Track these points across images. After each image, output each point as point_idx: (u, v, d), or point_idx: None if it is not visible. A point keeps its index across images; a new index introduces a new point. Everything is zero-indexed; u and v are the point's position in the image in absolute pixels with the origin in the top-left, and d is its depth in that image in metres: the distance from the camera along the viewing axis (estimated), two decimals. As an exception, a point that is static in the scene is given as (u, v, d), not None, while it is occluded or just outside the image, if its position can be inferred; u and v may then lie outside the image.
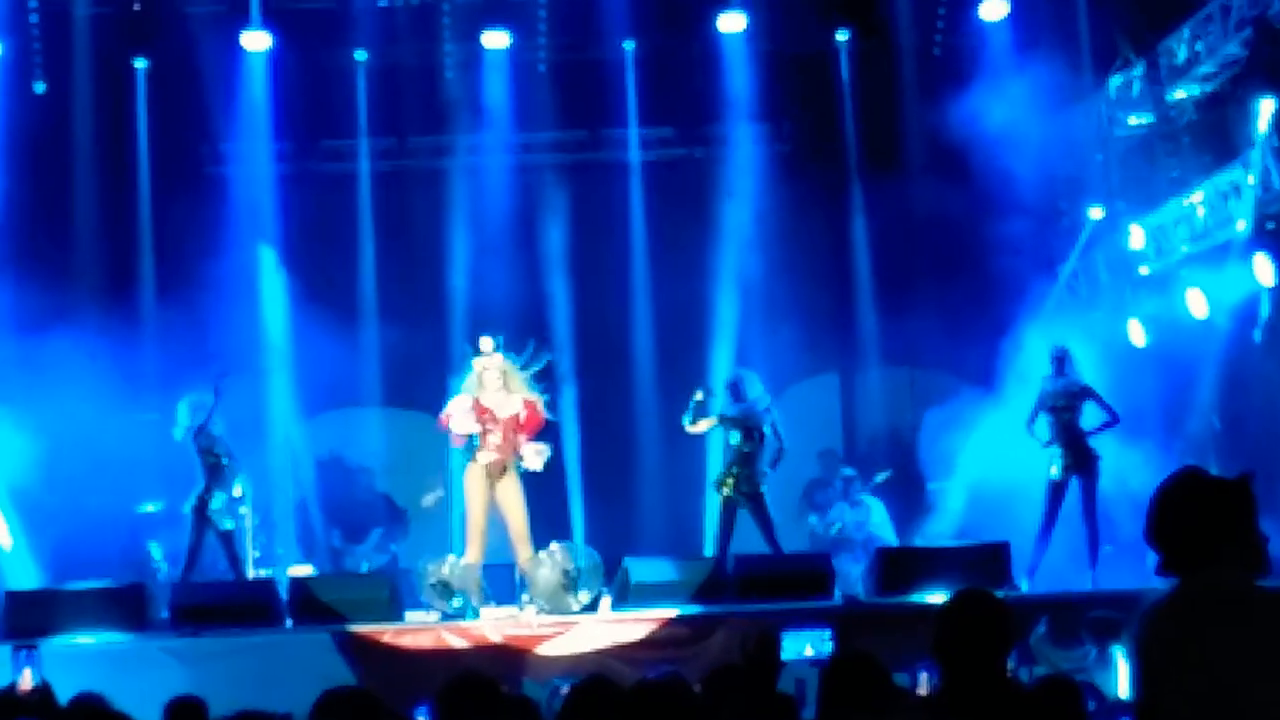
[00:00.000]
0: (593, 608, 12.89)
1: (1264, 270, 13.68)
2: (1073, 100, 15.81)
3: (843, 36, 17.19)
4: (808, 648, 11.33)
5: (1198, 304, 14.70)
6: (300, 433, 16.39)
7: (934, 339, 16.10)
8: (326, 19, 16.69)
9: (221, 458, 13.45)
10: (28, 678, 10.60)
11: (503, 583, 13.35)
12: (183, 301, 15.68)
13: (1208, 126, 14.98)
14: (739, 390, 13.70)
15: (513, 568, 13.23)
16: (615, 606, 12.87)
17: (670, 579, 12.87)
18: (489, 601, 12.86)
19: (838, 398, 17.84)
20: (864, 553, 14.68)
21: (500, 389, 12.86)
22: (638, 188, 17.20)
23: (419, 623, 12.58)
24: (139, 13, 16.44)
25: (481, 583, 12.83)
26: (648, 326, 16.94)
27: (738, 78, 16.69)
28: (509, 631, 12.12)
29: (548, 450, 13.01)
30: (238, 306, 15.80)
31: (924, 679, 9.74)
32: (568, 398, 15.30)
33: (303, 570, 14.96)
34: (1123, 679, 10.07)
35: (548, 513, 14.02)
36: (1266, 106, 13.40)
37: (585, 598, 12.90)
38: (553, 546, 13.07)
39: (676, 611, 12.30)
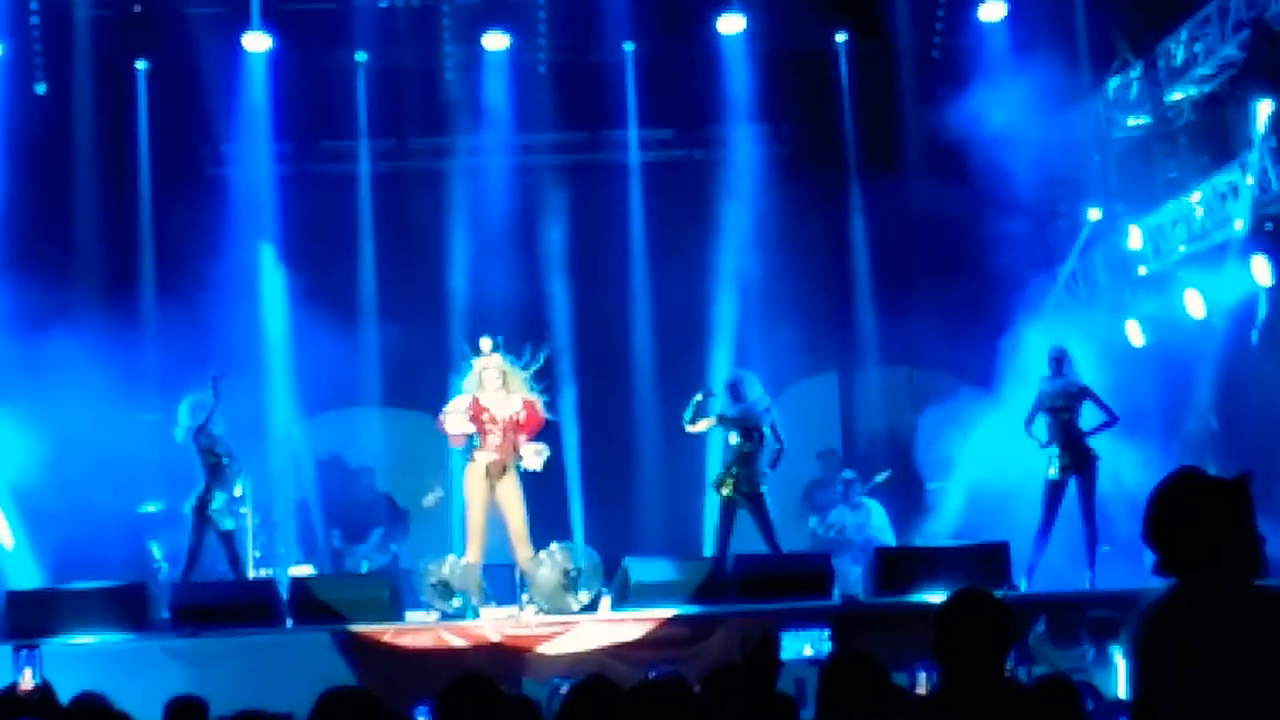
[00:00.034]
0: (592, 608, 12.89)
1: (1261, 271, 13.71)
2: (1071, 101, 15.80)
3: (841, 38, 17.21)
4: (807, 647, 11.35)
5: (1195, 304, 14.71)
6: (300, 433, 16.35)
7: (933, 339, 16.09)
8: (327, 20, 16.68)
9: (222, 458, 13.43)
10: (28, 677, 10.63)
11: (503, 583, 13.35)
12: (183, 302, 15.65)
13: (1205, 128, 14.99)
14: (738, 391, 13.69)
15: (513, 568, 13.22)
16: (615, 606, 12.87)
17: (670, 579, 12.86)
18: (489, 601, 12.86)
19: (837, 398, 17.83)
20: (864, 555, 14.65)
21: (500, 389, 12.88)
22: (637, 189, 17.19)
23: (419, 623, 12.57)
24: (140, 14, 16.47)
25: (482, 583, 12.84)
26: (647, 327, 16.92)
27: (737, 79, 16.66)
28: (509, 631, 12.11)
29: (547, 450, 13.03)
30: (238, 307, 15.78)
31: (923, 678, 9.76)
32: (567, 398, 15.28)
33: (303, 570, 14.96)
34: (1121, 679, 10.09)
35: (547, 513, 14.02)
36: (1264, 108, 13.41)
37: (585, 598, 12.91)
38: (552, 547, 13.08)
39: (676, 611, 12.29)
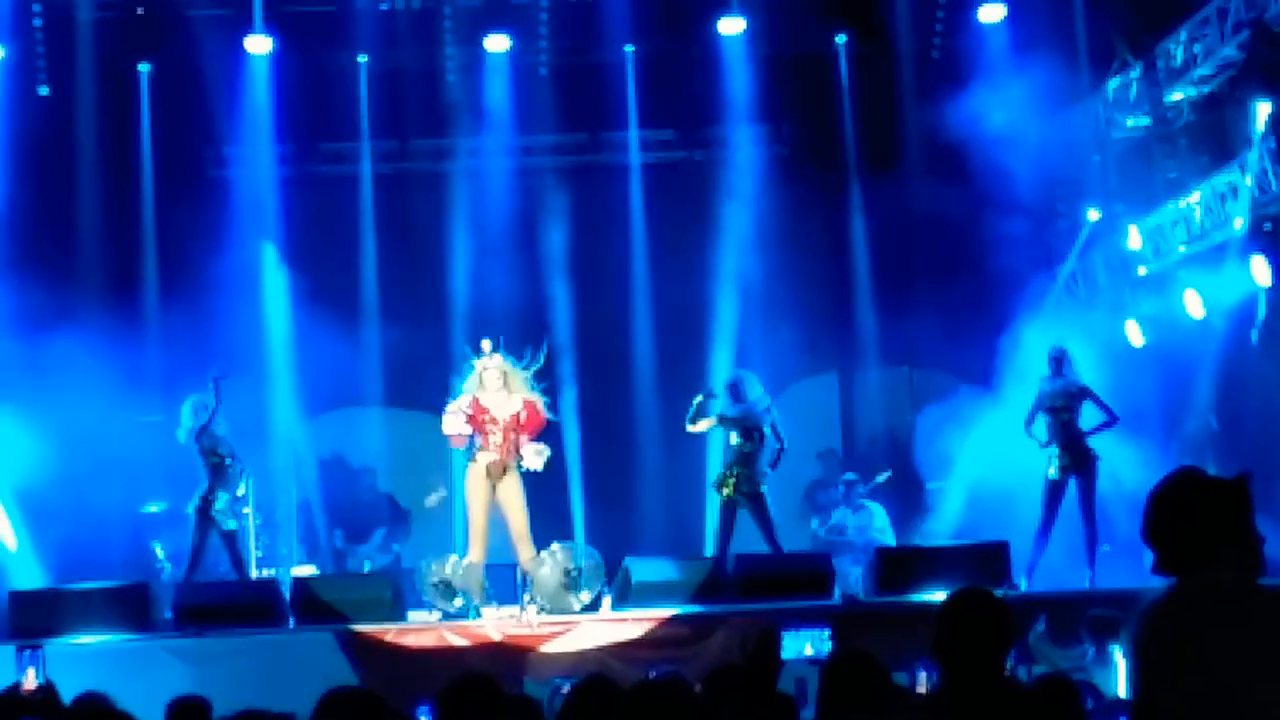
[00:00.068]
0: (594, 607, 12.90)
1: (1260, 271, 13.72)
2: (1071, 102, 15.80)
3: (841, 39, 17.22)
4: (807, 647, 11.37)
5: (1195, 304, 14.73)
6: (303, 433, 16.35)
7: (932, 339, 16.09)
8: (328, 23, 16.69)
9: (225, 458, 13.46)
10: (31, 677, 10.66)
11: (504, 582, 13.37)
12: (186, 303, 15.68)
13: (1205, 128, 15.01)
14: (739, 391, 13.70)
15: (514, 568, 13.23)
16: (616, 606, 12.90)
17: (671, 579, 12.89)
18: (491, 601, 12.87)
19: (837, 398, 17.84)
20: (865, 556, 14.65)
21: (501, 389, 12.88)
22: (638, 190, 17.21)
23: (421, 622, 12.59)
24: (142, 17, 16.50)
25: (484, 583, 12.86)
26: (648, 328, 16.94)
27: (737, 80, 16.68)
28: (510, 631, 12.14)
29: (548, 450, 13.02)
30: (240, 308, 15.80)
31: (923, 678, 9.80)
32: (568, 398, 15.31)
33: (305, 570, 14.98)
34: (1121, 677, 10.11)
35: (549, 513, 14.02)
36: (1263, 109, 13.42)
37: (586, 597, 12.91)
38: (554, 546, 13.08)
39: (677, 611, 12.31)
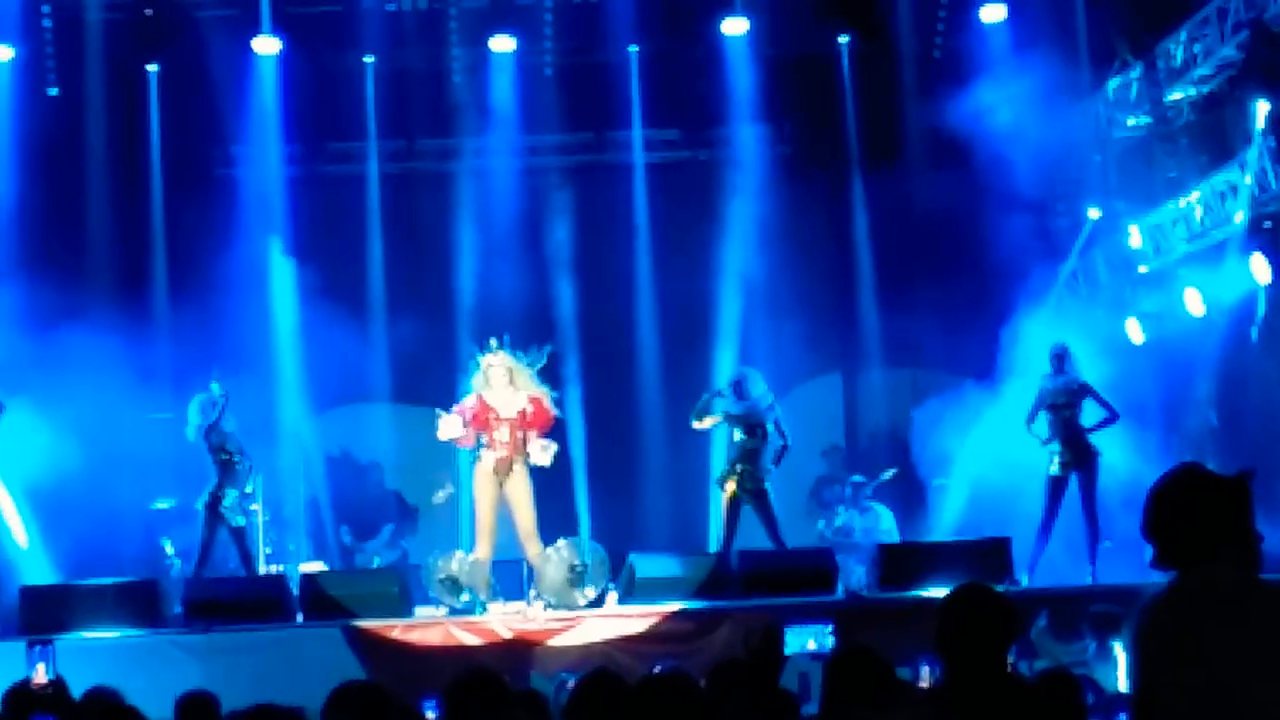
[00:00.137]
0: (599, 603, 12.92)
1: (1260, 269, 13.77)
2: (1071, 102, 15.79)
3: (844, 40, 17.24)
4: (810, 642, 11.41)
5: (1195, 302, 14.79)
6: (311, 430, 16.42)
7: (935, 336, 16.13)
8: (335, 23, 16.74)
9: (233, 455, 13.51)
10: (42, 672, 10.72)
11: (510, 578, 13.45)
12: (195, 302, 15.76)
13: (1205, 128, 15.04)
14: (742, 388, 13.72)
15: (520, 563, 13.29)
16: (621, 601, 12.93)
17: (675, 574, 12.91)
18: (497, 597, 12.96)
19: (840, 397, 17.88)
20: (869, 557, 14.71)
21: (507, 386, 12.95)
22: (642, 189, 17.25)
23: (428, 618, 12.61)
24: (151, 18, 16.52)
25: (490, 579, 12.93)
26: (652, 326, 16.98)
27: (741, 80, 16.72)
28: (516, 626, 12.16)
29: (554, 446, 13.07)
30: (249, 306, 15.85)
31: (925, 673, 9.85)
32: (574, 396, 15.38)
33: (314, 566, 15.03)
34: (1122, 673, 10.17)
35: (554, 509, 14.06)
36: (1262, 108, 13.44)
37: (591, 593, 12.94)
38: (559, 542, 13.11)
39: (681, 606, 12.33)
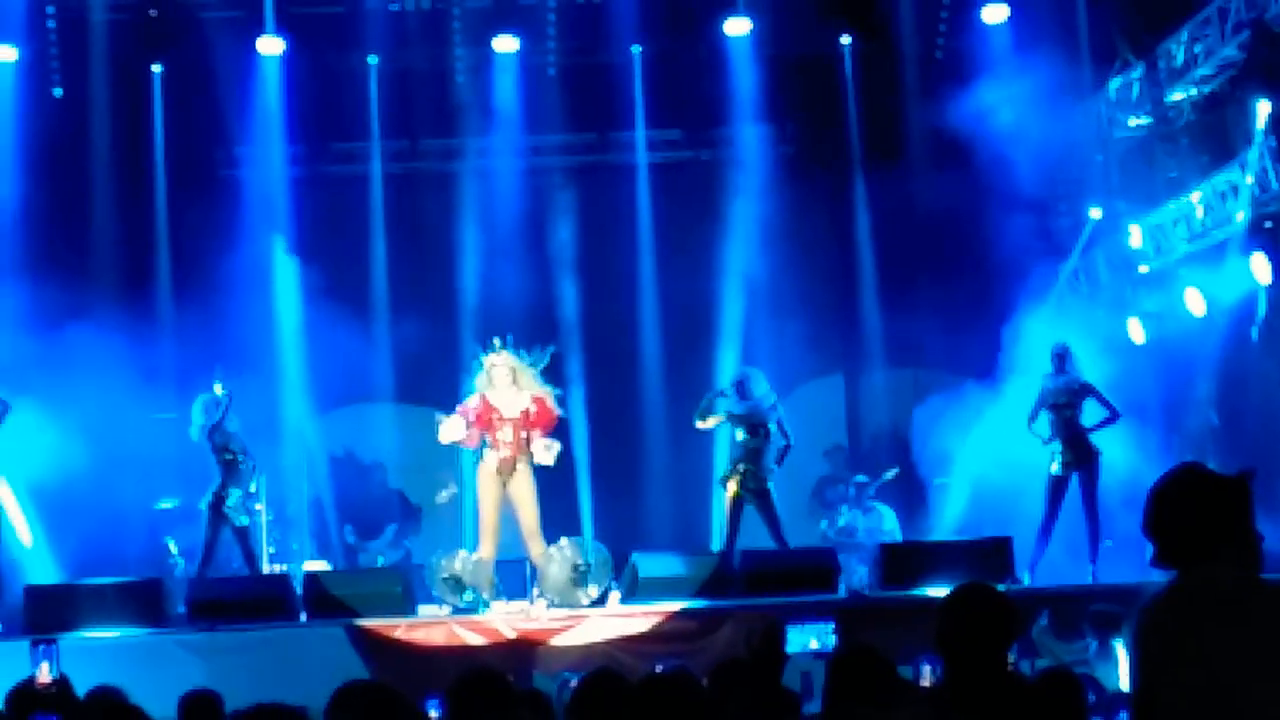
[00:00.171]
0: (601, 602, 12.93)
1: (1261, 269, 13.78)
2: (1073, 102, 15.82)
3: (846, 40, 17.25)
4: (812, 641, 11.44)
5: (1196, 302, 14.81)
6: (314, 429, 16.45)
7: (937, 339, 16.13)
8: (339, 24, 16.77)
9: (237, 455, 13.52)
10: (45, 671, 10.75)
11: (513, 577, 13.48)
12: (198, 302, 15.78)
13: (1206, 128, 15.05)
14: (745, 388, 13.72)
15: (523, 562, 13.31)
16: (624, 601, 12.93)
17: (677, 574, 12.92)
18: (500, 596, 12.97)
19: (842, 397, 17.89)
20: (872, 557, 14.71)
21: (510, 386, 12.97)
22: (645, 189, 17.27)
23: (431, 617, 12.61)
24: (155, 19, 16.55)
25: (493, 578, 12.95)
26: (655, 325, 16.99)
27: (743, 81, 16.74)
28: (519, 625, 12.16)
29: (558, 445, 13.09)
30: (252, 306, 15.87)
31: (927, 672, 9.88)
32: (577, 395, 15.41)
33: (317, 566, 15.06)
34: (1123, 672, 10.19)
35: (557, 508, 14.07)
36: (1263, 108, 13.44)
37: (594, 592, 12.95)
38: (562, 542, 13.13)
39: (683, 606, 12.34)
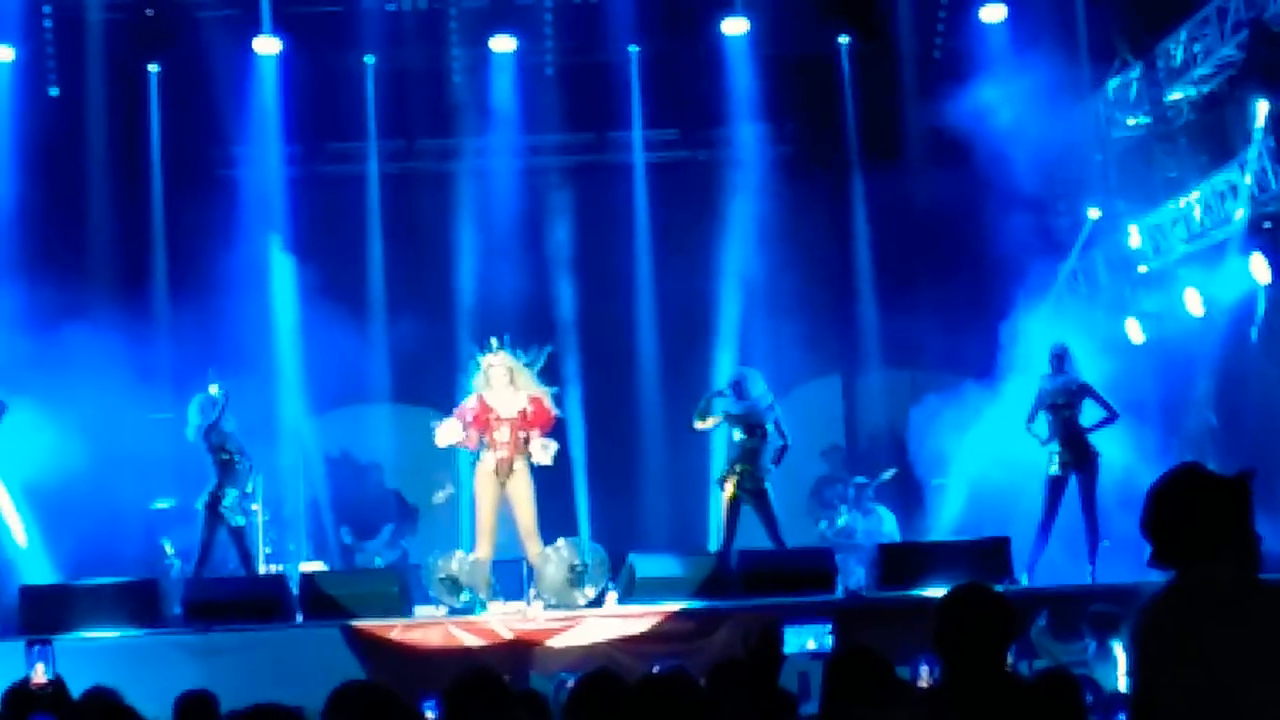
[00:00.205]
0: (598, 602, 12.92)
1: (1260, 269, 13.78)
2: (1072, 101, 15.81)
3: (844, 40, 17.24)
4: (810, 642, 11.41)
5: (1195, 302, 14.81)
6: (311, 430, 16.44)
7: (935, 339, 16.13)
8: (336, 23, 16.76)
9: (233, 455, 13.52)
10: (41, 672, 10.72)
11: (510, 578, 13.46)
12: (195, 302, 15.74)
13: (1204, 127, 15.05)
14: (742, 388, 13.70)
15: (520, 563, 13.30)
16: (621, 601, 12.93)
17: (675, 574, 12.91)
18: (497, 596, 12.97)
19: (840, 397, 17.89)
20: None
21: (507, 386, 12.95)
22: (642, 189, 17.27)
23: (428, 618, 12.61)
24: (151, 18, 16.53)
25: (490, 578, 12.94)
26: (652, 325, 17.00)
27: (741, 80, 16.74)
28: (516, 626, 12.15)
29: (555, 445, 13.07)
30: (249, 306, 15.85)
31: (925, 672, 9.85)
32: (574, 395, 15.39)
33: (313, 566, 15.05)
34: (1122, 673, 10.17)
35: (554, 509, 14.05)
36: (1262, 108, 13.45)
37: (591, 593, 12.93)
38: (559, 542, 13.10)
39: (681, 606, 12.32)
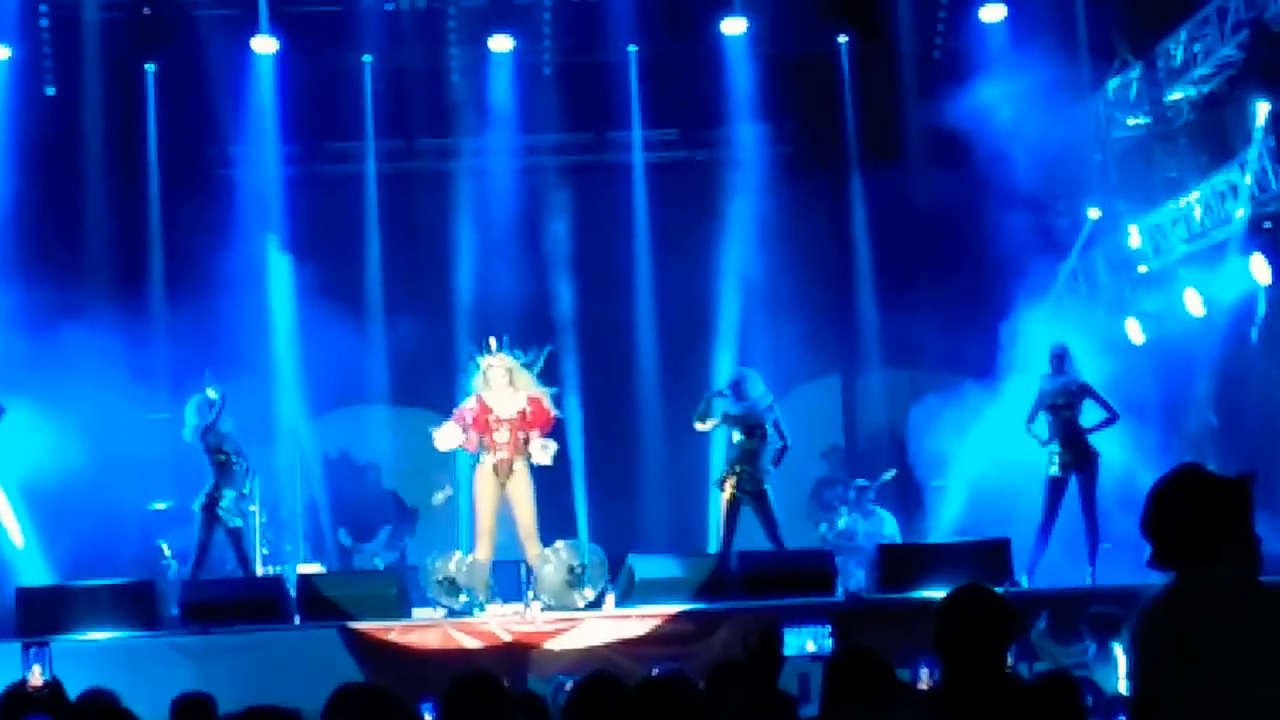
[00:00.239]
0: (597, 604, 12.91)
1: (1260, 269, 13.77)
2: (1071, 101, 15.80)
3: (843, 40, 17.23)
4: (809, 643, 11.40)
5: (1195, 302, 14.79)
6: (308, 431, 16.42)
7: (935, 340, 16.11)
8: (334, 23, 16.74)
9: (230, 456, 13.50)
10: (37, 674, 10.70)
11: (508, 579, 13.44)
12: (192, 303, 15.71)
13: (1204, 128, 15.03)
14: (741, 389, 13.68)
15: (519, 564, 13.28)
16: (620, 603, 12.91)
17: (674, 576, 12.90)
18: (495, 598, 12.94)
19: (839, 398, 17.88)
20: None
21: (506, 386, 12.93)
22: (641, 189, 17.26)
23: (426, 620, 12.60)
24: (149, 17, 16.50)
25: (489, 580, 12.91)
26: (651, 326, 16.98)
27: (740, 80, 16.72)
28: (515, 628, 12.13)
29: (554, 445, 13.04)
30: (246, 307, 15.82)
31: (925, 674, 9.83)
32: (572, 397, 15.37)
33: (311, 568, 15.02)
34: (1122, 674, 10.15)
35: (553, 510, 14.04)
36: (1262, 108, 13.44)
37: (590, 594, 12.92)
38: (558, 544, 13.09)
39: (680, 608, 12.31)
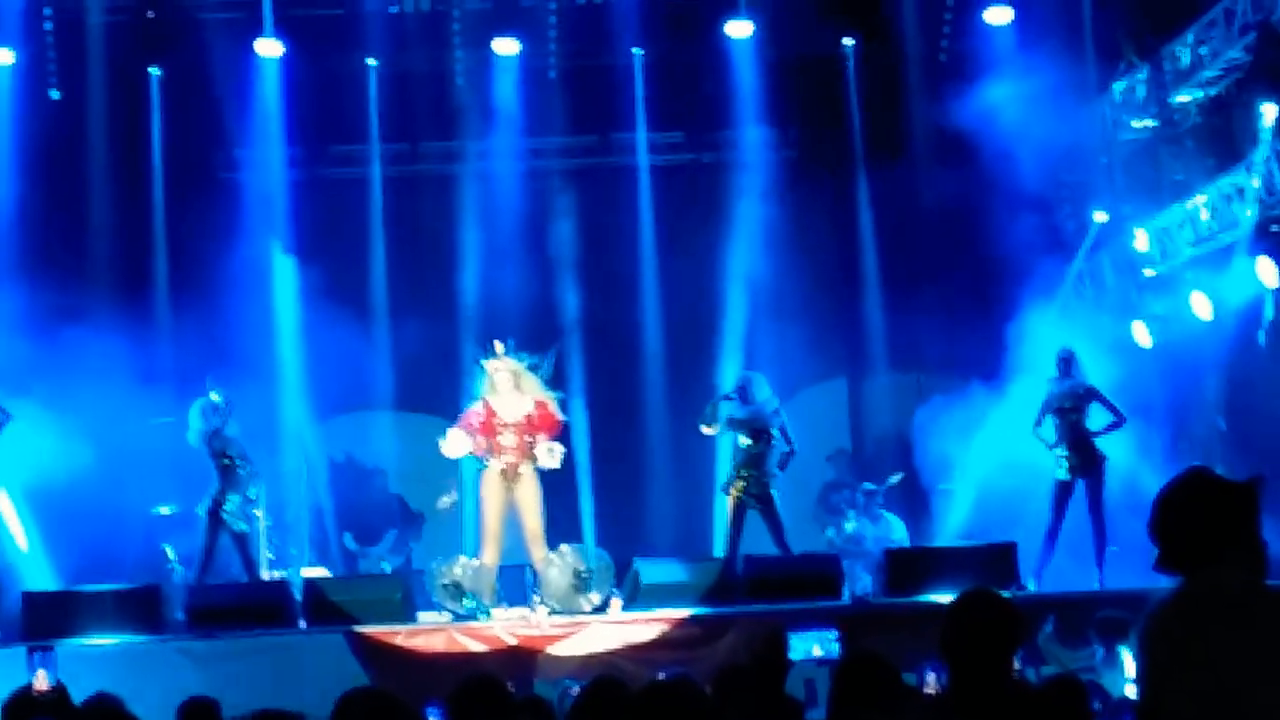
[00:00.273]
0: (603, 609, 12.91)
1: (1267, 272, 13.73)
2: (1077, 104, 15.79)
3: (849, 42, 17.22)
4: (815, 648, 11.40)
5: (1202, 306, 14.77)
6: (314, 436, 16.42)
7: (941, 343, 16.08)
8: (338, 26, 16.74)
9: (235, 460, 13.51)
10: (43, 678, 10.70)
11: (514, 583, 13.43)
12: (197, 306, 15.69)
13: (1211, 130, 15.00)
14: (747, 393, 13.68)
15: (524, 569, 13.28)
16: (626, 607, 12.91)
17: (680, 580, 12.92)
18: (501, 602, 12.92)
19: (846, 401, 17.86)
20: (880, 565, 14.64)
21: (513, 390, 12.93)
22: (647, 192, 17.23)
23: (431, 624, 12.60)
24: (153, 20, 16.52)
25: (494, 584, 12.89)
26: (657, 329, 16.94)
27: (745, 83, 16.70)
28: (520, 632, 12.16)
29: (561, 448, 13.05)
30: (251, 311, 15.81)
31: (931, 678, 9.82)
32: (578, 400, 15.37)
33: (316, 572, 15.03)
34: (1130, 678, 10.13)
35: (558, 514, 13.98)
36: (1269, 110, 13.40)
37: (596, 599, 12.92)
38: (563, 548, 13.11)
39: (687, 612, 12.33)
